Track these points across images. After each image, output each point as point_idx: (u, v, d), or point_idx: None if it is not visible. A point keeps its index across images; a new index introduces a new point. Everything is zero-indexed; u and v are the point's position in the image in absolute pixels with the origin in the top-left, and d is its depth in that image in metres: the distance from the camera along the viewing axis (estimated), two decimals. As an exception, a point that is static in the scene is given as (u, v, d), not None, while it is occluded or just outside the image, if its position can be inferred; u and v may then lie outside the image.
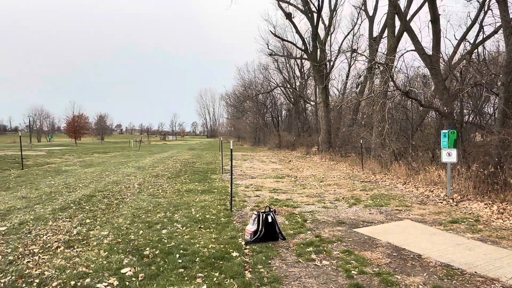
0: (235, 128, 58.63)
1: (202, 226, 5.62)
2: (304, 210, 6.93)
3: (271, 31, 25.62)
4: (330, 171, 13.94)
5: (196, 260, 4.15)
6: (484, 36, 13.90)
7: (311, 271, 3.93)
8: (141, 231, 5.34)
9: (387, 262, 4.19)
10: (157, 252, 4.40)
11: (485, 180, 7.87)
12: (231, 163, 7.13)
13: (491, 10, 13.53)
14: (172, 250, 4.47)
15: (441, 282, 3.62)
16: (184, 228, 5.55)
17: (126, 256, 4.30)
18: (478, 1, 14.19)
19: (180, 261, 4.12)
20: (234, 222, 5.97)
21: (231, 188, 7.02)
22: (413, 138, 12.93)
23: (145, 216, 6.30)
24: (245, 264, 4.05)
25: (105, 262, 4.09)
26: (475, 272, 3.86)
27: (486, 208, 6.86)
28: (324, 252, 4.48)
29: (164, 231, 5.35)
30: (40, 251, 4.51)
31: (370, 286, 3.53)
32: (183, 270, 3.87)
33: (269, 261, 4.17)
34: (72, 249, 4.58)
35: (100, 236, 5.09)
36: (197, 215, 6.36)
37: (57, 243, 4.81)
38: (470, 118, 12.84)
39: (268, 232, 4.88)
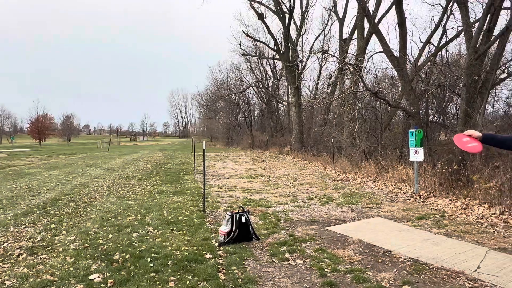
0: (208, 128, 58.16)
1: (174, 228, 5.51)
2: (278, 210, 6.95)
3: (243, 31, 25.64)
4: (302, 171, 14.10)
5: (169, 263, 4.06)
6: (447, 40, 14.52)
7: (285, 270, 3.93)
8: (110, 235, 5.15)
9: (359, 259, 4.26)
10: (127, 257, 4.26)
11: (450, 177, 8.21)
12: (204, 164, 7.04)
13: (453, 15, 14.17)
14: (143, 253, 4.35)
15: (410, 277, 3.73)
16: (156, 230, 5.42)
17: (94, 261, 4.13)
18: (441, 6, 14.82)
19: (151, 265, 4.00)
20: (207, 223, 5.89)
21: (204, 189, 6.93)
22: (382, 137, 13.32)
23: (114, 220, 6.10)
24: (219, 266, 4.00)
25: (71, 268, 3.92)
26: (442, 266, 4.01)
27: (450, 204, 7.15)
28: (298, 251, 4.51)
29: (134, 235, 5.20)
30: (0, 259, 4.25)
31: (342, 283, 3.58)
32: (154, 274, 3.76)
33: (243, 262, 4.14)
34: (35, 256, 4.35)
35: (66, 242, 4.87)
36: (169, 217, 6.23)
37: (19, 250, 4.55)
38: (435, 118, 13.37)
39: (242, 233, 4.85)
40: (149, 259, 4.15)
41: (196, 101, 64.03)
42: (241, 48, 27.85)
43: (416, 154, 8.49)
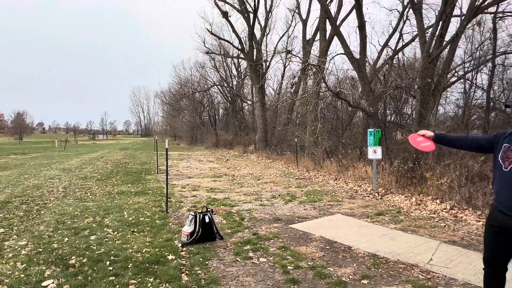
0: (171, 127, 57.04)
1: (135, 230, 5.35)
2: (242, 209, 6.96)
3: (207, 29, 25.37)
4: (266, 169, 14.22)
5: (129, 266, 3.93)
6: (403, 43, 15.27)
7: (249, 269, 3.95)
8: (66, 239, 4.91)
9: (320, 255, 4.37)
10: (84, 261, 4.08)
11: (405, 175, 8.63)
12: (167, 163, 6.90)
13: (409, 20, 14.93)
14: (102, 257, 4.18)
15: (368, 271, 3.87)
16: (116, 232, 5.23)
17: (48, 267, 3.91)
18: (398, 11, 15.53)
19: (110, 268, 3.86)
20: (170, 224, 5.78)
21: (167, 189, 6.79)
22: (343, 136, 13.74)
23: (71, 222, 5.82)
24: (182, 267, 3.94)
25: (22, 275, 3.69)
26: (398, 259, 4.20)
27: (406, 200, 7.52)
28: (261, 250, 4.54)
29: (92, 237, 4.99)
30: None
31: (305, 280, 3.65)
32: (114, 278, 3.63)
33: (207, 262, 4.11)
34: (-19, 263, 4.05)
35: (16, 247, 4.58)
36: (130, 219, 6.04)
37: (-38, 257, 4.22)
38: (392, 118, 13.99)
39: (206, 233, 4.81)
40: (108, 263, 4.00)
41: (159, 99, 62.62)
42: (205, 46, 27.58)
43: (374, 153, 8.83)
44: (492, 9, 9.81)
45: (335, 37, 14.23)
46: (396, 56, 14.97)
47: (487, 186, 6.71)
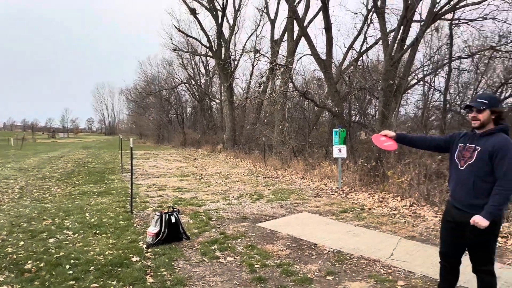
0: (137, 125, 55.48)
1: (97, 232, 5.16)
2: (209, 208, 6.91)
3: (175, 26, 24.93)
4: (234, 168, 14.20)
5: (90, 269, 3.79)
6: (368, 46, 15.76)
7: (216, 269, 3.92)
8: (21, 242, 4.65)
9: (287, 253, 4.43)
10: (41, 265, 3.88)
11: (368, 173, 8.93)
12: (131, 162, 6.71)
13: (373, 24, 15.43)
14: (61, 260, 4.00)
15: (333, 268, 3.97)
16: (76, 235, 5.02)
17: (1, 273, 3.69)
18: (362, 15, 16.01)
19: (70, 272, 3.70)
20: (135, 224, 5.63)
21: (132, 189, 6.61)
22: (310, 136, 14.00)
23: (27, 225, 5.52)
24: (147, 269, 3.85)
25: (-28, 282, 3.45)
26: (361, 255, 4.34)
27: (369, 197, 7.78)
28: (229, 249, 4.53)
29: (51, 240, 4.76)
30: None
31: (271, 278, 3.68)
32: (74, 282, 3.48)
33: (173, 263, 4.04)
34: None
35: (-34, 252, 4.28)
36: (92, 220, 5.82)
37: None
38: (357, 118, 14.43)
39: (172, 233, 4.73)
40: (67, 266, 3.84)
41: (124, 96, 60.62)
42: (172, 43, 27.08)
43: (340, 152, 9.06)
44: (449, 16, 10.35)
45: (303, 38, 14.46)
46: (361, 58, 15.44)
47: (443, 184, 7.08)
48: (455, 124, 10.80)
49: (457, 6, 9.83)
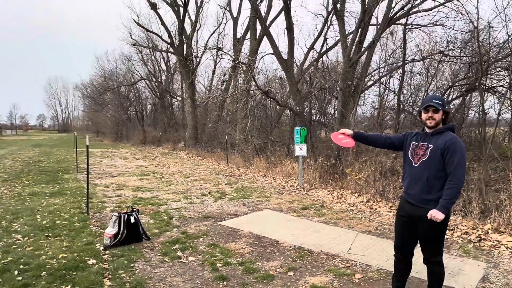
0: (94, 122, 53.06)
1: (50, 234, 4.89)
2: (170, 207, 6.78)
3: (134, 20, 24.10)
4: (196, 167, 14.04)
5: (42, 274, 3.59)
6: (327, 47, 16.21)
7: (177, 269, 3.87)
8: (-37, 248, 4.30)
9: (249, 251, 4.45)
10: (-13, 272, 3.61)
11: (328, 171, 9.20)
12: (87, 161, 6.42)
13: (333, 26, 15.87)
14: (9, 266, 3.75)
15: (294, 264, 4.06)
16: (26, 238, 4.73)
17: None
18: (323, 16, 16.42)
19: (20, 278, 3.48)
20: (91, 226, 5.40)
21: (88, 189, 6.32)
22: (272, 134, 14.15)
23: (-30, 229, 5.11)
24: (104, 272, 3.71)
25: None
26: (321, 250, 4.47)
27: (329, 194, 8.02)
28: (191, 248, 4.48)
29: (-3, 245, 4.44)
30: None
31: (234, 276, 3.69)
32: (24, 288, 3.28)
33: (132, 265, 3.93)
34: None
35: None
36: (44, 222, 5.50)
37: None
38: (317, 117, 14.80)
39: (131, 234, 4.59)
40: (16, 272, 3.61)
41: (80, 92, 57.83)
42: (132, 38, 26.14)
43: (301, 150, 9.24)
44: (403, 21, 10.89)
45: (265, 37, 14.56)
46: (321, 59, 15.84)
47: (397, 180, 7.46)
48: (408, 124, 11.39)
49: (410, 12, 10.37)
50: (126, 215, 4.59)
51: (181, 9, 22.03)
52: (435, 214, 2.64)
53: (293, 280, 3.62)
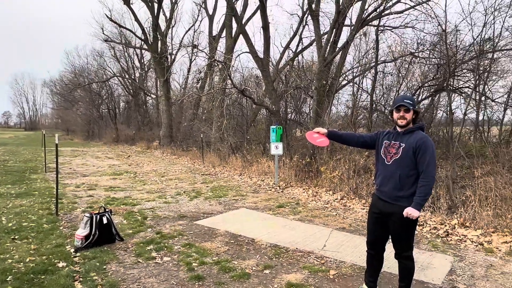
0: (63, 120, 51.19)
1: (16, 237, 4.69)
2: (144, 207, 6.66)
3: (106, 15, 23.50)
4: (171, 166, 13.84)
5: (8, 279, 3.43)
6: (303, 47, 16.39)
7: (152, 269, 3.80)
8: None
9: (225, 250, 4.44)
10: None
11: (303, 169, 9.31)
12: (57, 159, 6.19)
13: (308, 25, 16.08)
14: (-28, 271, 3.56)
15: (270, 261, 4.08)
16: (-9, 242, 4.51)
17: None
18: (298, 16, 16.58)
19: (-17, 283, 3.32)
20: (61, 227, 5.22)
21: (57, 189, 6.10)
22: (248, 132, 14.16)
23: None
24: (75, 274, 3.59)
25: None
26: (296, 248, 4.52)
27: (304, 192, 8.12)
28: (166, 248, 4.42)
29: (-41, 249, 4.21)
30: None
31: (210, 275, 3.67)
32: (-12, 294, 3.13)
33: (104, 267, 3.82)
34: None
35: None
36: (10, 224, 5.26)
37: None
38: (292, 116, 14.93)
39: (104, 235, 4.46)
40: (-20, 277, 3.43)
41: (48, 88, 55.51)
42: (104, 34, 25.41)
43: (276, 148, 9.31)
44: (375, 22, 11.17)
45: (241, 36, 14.53)
46: (296, 58, 15.99)
47: (370, 178, 7.65)
48: (380, 123, 11.70)
49: (383, 14, 10.64)
50: (98, 216, 4.46)
51: (156, 5, 21.62)
52: (411, 212, 2.73)
53: (269, 278, 3.64)
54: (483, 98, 9.32)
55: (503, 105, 9.70)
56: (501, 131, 10.00)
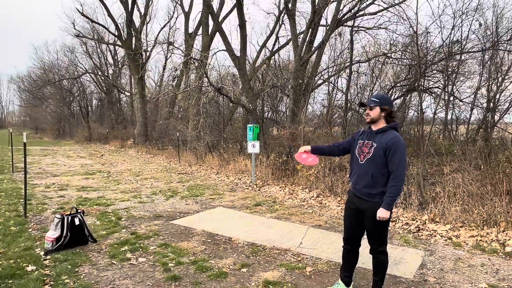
0: (32, 118, 49.18)
1: (-19, 241, 4.47)
2: (119, 207, 6.51)
3: (78, 10, 22.70)
4: (147, 165, 13.60)
5: (-27, 285, 3.27)
6: (279, 46, 16.45)
7: (126, 271, 3.72)
8: None
9: (202, 249, 4.41)
10: None
11: (280, 167, 9.37)
12: (25, 159, 5.94)
13: (284, 25, 16.16)
14: None
15: (247, 260, 4.09)
16: (-47, 246, 4.28)
17: None
18: (275, 15, 16.65)
19: None
20: (30, 230, 5.02)
21: (25, 189, 5.86)
22: (225, 131, 14.11)
23: None
24: (45, 278, 3.47)
25: None
26: (273, 246, 4.55)
27: (280, 190, 8.18)
28: (141, 249, 4.33)
29: None
30: None
31: (186, 275, 3.64)
32: (-50, 301, 2.97)
33: (77, 269, 3.71)
34: None
35: None
36: (-26, 228, 5.02)
37: None
38: (269, 115, 15.01)
39: (75, 237, 4.33)
40: None
41: (16, 85, 53.22)
42: (75, 29, 24.54)
43: (253, 147, 9.32)
44: (350, 23, 11.40)
45: (218, 33, 14.44)
46: (273, 57, 16.06)
47: (345, 176, 7.80)
48: (355, 121, 11.96)
49: (357, 15, 10.86)
50: (69, 217, 4.32)
51: (129, 1, 21.12)
52: (383, 215, 2.84)
53: (246, 277, 3.65)
54: (451, 98, 9.70)
55: (470, 105, 10.15)
56: (468, 129, 10.45)
